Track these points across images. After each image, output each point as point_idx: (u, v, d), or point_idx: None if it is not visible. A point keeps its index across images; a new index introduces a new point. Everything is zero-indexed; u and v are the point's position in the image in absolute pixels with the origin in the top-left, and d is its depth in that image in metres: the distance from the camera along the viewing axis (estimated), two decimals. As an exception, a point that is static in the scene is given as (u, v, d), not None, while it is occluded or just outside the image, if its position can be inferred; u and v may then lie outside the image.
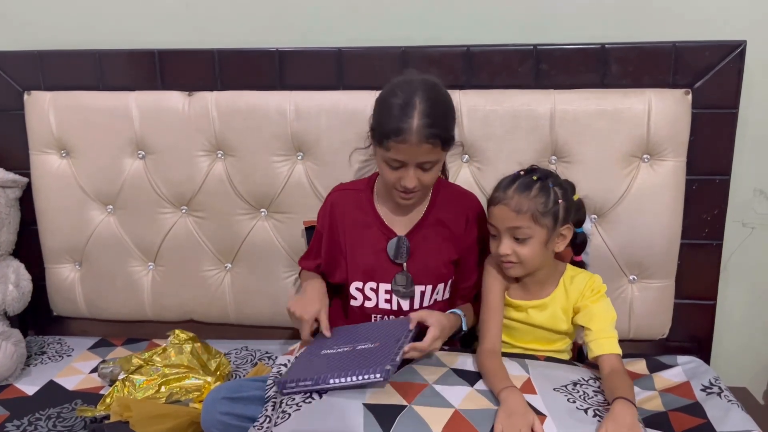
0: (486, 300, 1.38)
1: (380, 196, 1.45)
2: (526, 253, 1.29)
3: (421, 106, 1.26)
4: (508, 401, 1.15)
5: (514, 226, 1.28)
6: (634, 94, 1.57)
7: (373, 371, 1.16)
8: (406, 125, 1.25)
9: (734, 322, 1.79)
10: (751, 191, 1.71)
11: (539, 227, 1.28)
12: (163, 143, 1.72)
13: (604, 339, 1.28)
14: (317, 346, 1.35)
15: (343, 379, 1.17)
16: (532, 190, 1.27)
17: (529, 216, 1.27)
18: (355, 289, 1.44)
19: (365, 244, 1.43)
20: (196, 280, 1.79)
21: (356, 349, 1.27)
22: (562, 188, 1.31)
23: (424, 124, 1.25)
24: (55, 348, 1.82)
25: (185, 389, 1.51)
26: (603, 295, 1.34)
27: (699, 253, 1.65)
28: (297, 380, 1.21)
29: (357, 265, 1.43)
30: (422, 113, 1.25)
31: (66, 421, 1.47)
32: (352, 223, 1.44)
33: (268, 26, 1.74)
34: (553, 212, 1.28)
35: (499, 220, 1.30)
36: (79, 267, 1.86)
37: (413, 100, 1.26)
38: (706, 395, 1.46)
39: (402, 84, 1.31)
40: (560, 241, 1.33)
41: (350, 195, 1.47)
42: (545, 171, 1.34)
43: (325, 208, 1.49)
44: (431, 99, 1.28)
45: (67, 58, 1.76)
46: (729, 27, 1.59)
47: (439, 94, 1.31)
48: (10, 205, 1.77)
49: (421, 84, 1.30)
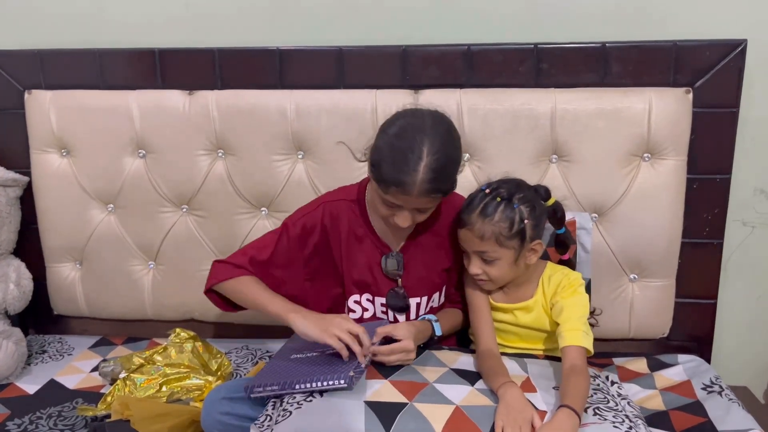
0: (472, 305, 1.40)
1: (372, 208, 1.38)
2: (495, 273, 1.31)
3: (428, 159, 1.18)
4: (506, 397, 1.15)
5: (480, 250, 1.29)
6: (635, 93, 1.57)
7: (338, 377, 1.17)
8: (409, 179, 1.19)
9: (735, 321, 1.79)
10: (752, 190, 1.71)
11: (505, 249, 1.28)
12: (164, 142, 1.73)
13: (568, 331, 1.26)
14: (288, 350, 1.37)
15: (308, 385, 1.19)
16: (496, 214, 1.26)
17: (493, 240, 1.27)
18: (353, 302, 1.43)
19: (360, 258, 1.40)
20: (196, 279, 1.78)
21: (325, 354, 1.27)
22: (529, 204, 1.28)
23: (428, 179, 1.19)
24: (56, 347, 1.82)
25: (186, 388, 1.51)
26: (576, 291, 1.33)
27: (699, 252, 1.65)
28: (264, 385, 1.23)
29: (353, 279, 1.41)
30: (428, 167, 1.19)
31: (67, 420, 1.48)
32: (346, 237, 1.39)
33: (268, 25, 1.74)
34: (519, 233, 1.27)
35: (466, 243, 1.32)
36: (79, 266, 1.86)
37: (421, 150, 1.19)
38: (707, 394, 1.47)
39: (412, 126, 1.22)
40: (531, 255, 1.32)
41: (342, 206, 1.40)
42: (512, 186, 1.30)
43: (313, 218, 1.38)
44: (440, 151, 1.20)
45: (68, 57, 1.76)
46: (729, 26, 1.59)
47: (449, 142, 1.24)
48: (11, 204, 1.77)
49: (432, 129, 1.22)
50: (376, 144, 1.26)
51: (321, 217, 1.38)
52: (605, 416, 1.17)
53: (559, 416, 1.12)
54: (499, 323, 1.39)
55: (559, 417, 1.12)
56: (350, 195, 1.42)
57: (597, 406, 1.20)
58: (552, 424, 1.11)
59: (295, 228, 1.38)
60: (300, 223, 1.38)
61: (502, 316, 1.39)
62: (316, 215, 1.39)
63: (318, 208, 1.40)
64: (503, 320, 1.39)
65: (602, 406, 1.20)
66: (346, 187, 1.46)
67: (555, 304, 1.33)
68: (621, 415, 1.18)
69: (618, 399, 1.27)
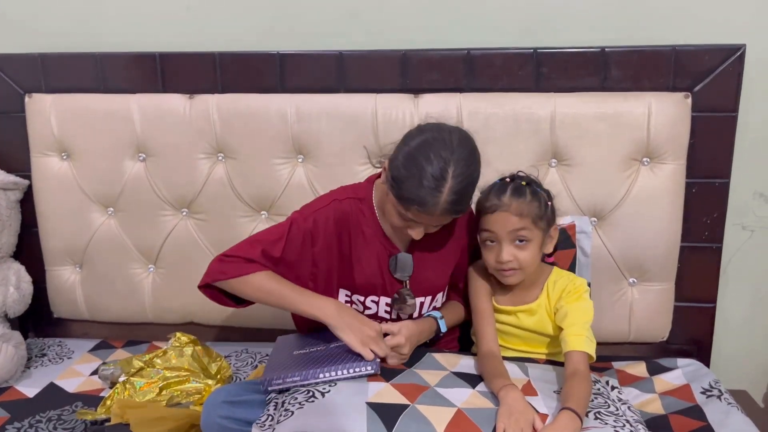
0: (475, 306, 1.40)
1: (380, 207, 1.38)
2: (526, 257, 1.31)
3: (453, 181, 1.18)
4: (506, 399, 1.15)
5: (518, 228, 1.29)
6: (634, 98, 1.58)
7: (364, 364, 1.20)
8: (433, 200, 1.18)
9: (734, 325, 1.79)
10: (751, 194, 1.71)
11: (537, 230, 1.30)
12: (164, 146, 1.73)
13: (572, 336, 1.27)
14: (284, 347, 1.38)
15: (334, 373, 1.20)
16: (527, 195, 1.29)
17: (530, 219, 1.29)
18: (358, 302, 1.43)
19: (369, 259, 1.38)
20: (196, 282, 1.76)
21: (330, 347, 1.29)
22: (545, 191, 1.34)
23: (451, 201, 1.19)
24: (56, 350, 1.82)
25: (186, 392, 1.51)
26: (581, 297, 1.34)
27: (699, 256, 1.65)
28: (284, 377, 1.23)
29: (361, 280, 1.39)
30: (452, 190, 1.18)
31: (66, 424, 1.47)
32: (355, 236, 1.37)
33: (269, 29, 1.74)
34: (547, 214, 1.31)
35: (501, 225, 1.30)
36: (79, 269, 1.86)
37: (447, 173, 1.18)
38: (706, 398, 1.47)
39: (439, 145, 1.20)
40: (549, 242, 1.35)
41: (355, 205, 1.37)
42: (528, 176, 1.35)
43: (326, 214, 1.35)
44: (464, 174, 1.19)
45: (69, 61, 1.76)
46: (728, 31, 1.60)
47: (473, 164, 1.23)
48: (11, 208, 1.77)
49: (458, 149, 1.20)
50: (398, 158, 1.23)
51: (333, 214, 1.35)
52: (606, 420, 1.17)
53: (561, 418, 1.12)
54: (501, 325, 1.39)
55: (562, 419, 1.12)
56: (358, 193, 1.39)
57: (598, 410, 1.20)
58: (554, 426, 1.11)
59: (307, 222, 1.33)
60: (312, 218, 1.34)
61: (505, 318, 1.39)
62: (328, 212, 1.35)
63: (330, 204, 1.36)
64: (506, 322, 1.39)
65: (603, 411, 1.20)
66: (353, 186, 1.43)
67: (559, 309, 1.33)
68: (622, 420, 1.18)
69: (618, 404, 1.27)
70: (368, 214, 1.38)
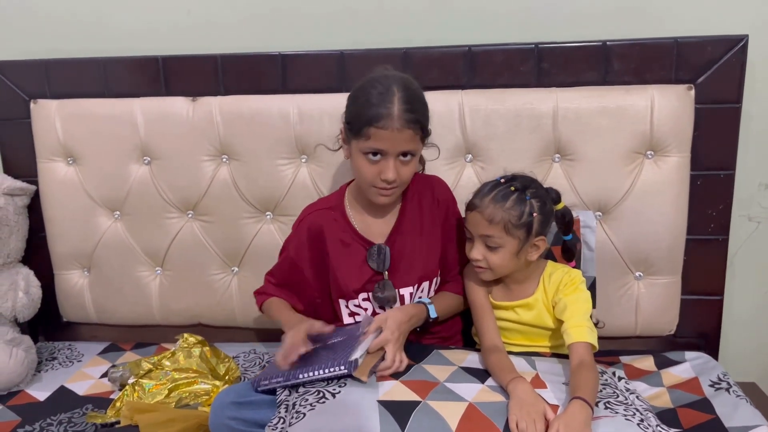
0: (473, 302, 1.41)
1: (354, 208, 1.44)
2: (496, 260, 1.32)
3: (399, 93, 1.28)
4: (516, 391, 1.16)
5: (486, 234, 1.30)
6: (637, 91, 1.57)
7: (338, 364, 1.21)
8: (386, 110, 1.27)
9: (742, 317, 1.79)
10: (756, 185, 1.70)
11: (510, 238, 1.29)
12: (168, 149, 1.74)
13: (574, 328, 1.28)
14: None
15: (311, 374, 1.24)
16: (508, 201, 1.28)
17: (501, 227, 1.28)
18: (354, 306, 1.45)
19: (350, 263, 1.42)
20: (203, 284, 1.80)
21: (326, 345, 1.32)
22: (540, 200, 1.31)
23: (405, 109, 1.27)
24: (66, 353, 1.83)
25: (194, 394, 1.52)
26: (578, 288, 1.34)
27: (705, 249, 1.64)
28: (270, 378, 1.28)
29: (346, 285, 1.42)
30: (402, 100, 1.28)
31: (77, 426, 1.48)
32: (332, 244, 1.42)
33: (270, 31, 1.74)
34: (527, 224, 1.29)
35: (473, 225, 1.33)
36: (87, 273, 1.87)
37: (392, 88, 1.29)
38: (715, 391, 1.46)
39: (378, 77, 1.33)
40: (533, 251, 1.34)
41: (325, 215, 1.44)
42: (527, 181, 1.34)
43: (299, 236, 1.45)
44: (409, 89, 1.30)
45: (73, 67, 1.77)
46: (730, 22, 1.59)
47: (415, 86, 1.34)
48: (19, 213, 1.79)
49: (396, 76, 1.33)
50: (347, 108, 1.35)
51: (305, 233, 1.44)
52: (616, 410, 1.17)
53: (572, 408, 1.13)
54: (501, 321, 1.40)
55: (573, 408, 1.12)
56: (329, 203, 1.47)
57: (607, 400, 1.20)
58: (566, 416, 1.11)
59: (288, 251, 1.47)
60: (291, 244, 1.47)
61: (504, 314, 1.40)
62: (300, 233, 1.45)
63: (301, 223, 1.46)
64: (506, 318, 1.40)
65: (612, 401, 1.20)
66: (323, 198, 1.55)
67: (558, 302, 1.34)
68: (632, 409, 1.19)
69: (627, 393, 1.27)
70: (340, 219, 1.43)
